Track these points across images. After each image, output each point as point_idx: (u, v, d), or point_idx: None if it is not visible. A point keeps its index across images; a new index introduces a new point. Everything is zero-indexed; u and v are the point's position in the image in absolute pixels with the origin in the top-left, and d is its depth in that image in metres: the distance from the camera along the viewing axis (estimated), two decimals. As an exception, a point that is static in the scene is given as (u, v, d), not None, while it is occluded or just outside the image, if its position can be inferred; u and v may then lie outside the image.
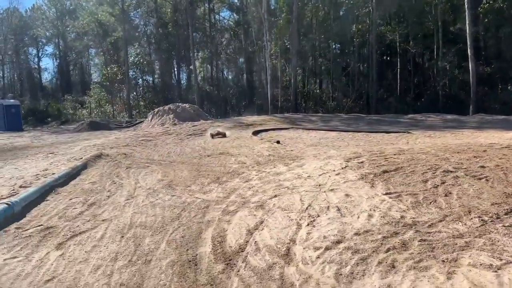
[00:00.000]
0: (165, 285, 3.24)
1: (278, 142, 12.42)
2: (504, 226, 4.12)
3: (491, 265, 3.17)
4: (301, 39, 32.63)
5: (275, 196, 5.88)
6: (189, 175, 8.19)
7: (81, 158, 10.42)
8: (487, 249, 3.51)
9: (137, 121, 29.38)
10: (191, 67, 38.69)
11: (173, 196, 6.36)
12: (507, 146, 9.21)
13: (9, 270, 3.63)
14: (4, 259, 3.87)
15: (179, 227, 4.74)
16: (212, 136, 14.94)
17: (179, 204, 5.83)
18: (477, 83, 22.39)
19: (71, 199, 6.29)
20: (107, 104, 42.18)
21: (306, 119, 21.31)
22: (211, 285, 3.20)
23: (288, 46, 34.25)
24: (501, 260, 3.25)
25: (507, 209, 4.61)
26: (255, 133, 16.31)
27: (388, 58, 34.15)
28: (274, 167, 8.36)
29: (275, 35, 32.83)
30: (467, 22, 21.69)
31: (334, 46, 35.98)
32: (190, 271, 3.47)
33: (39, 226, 4.94)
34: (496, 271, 3.06)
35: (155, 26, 44.52)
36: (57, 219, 5.24)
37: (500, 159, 7.63)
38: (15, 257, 3.92)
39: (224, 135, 15.08)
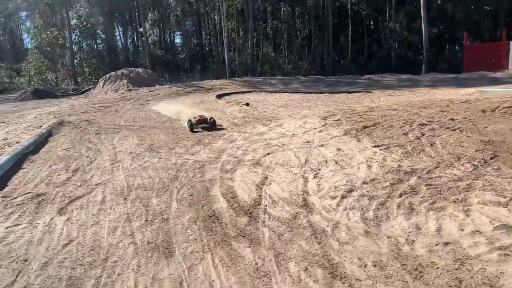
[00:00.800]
0: (196, 239, 3.19)
1: (247, 104, 12.36)
2: (494, 169, 4.45)
3: (499, 202, 3.43)
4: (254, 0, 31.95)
5: (268, 154, 5.89)
6: (167, 138, 7.98)
7: (41, 126, 9.75)
8: (489, 189, 3.79)
9: (85, 88, 27.77)
10: (140, 29, 36.77)
11: (161, 158, 6.18)
12: (466, 101, 9.84)
13: (16, 237, 3.39)
14: (6, 227, 3.60)
15: (182, 186, 4.64)
16: (193, 128, 8.41)
17: (171, 165, 5.68)
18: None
19: (50, 166, 5.92)
20: (48, 71, 39.24)
21: (266, 82, 21.29)
22: (243, 236, 3.20)
23: (240, 7, 33.46)
24: (505, 197, 3.52)
25: (490, 155, 4.96)
26: (219, 96, 16.08)
27: (336, 21, 34.44)
28: (254, 127, 8.34)
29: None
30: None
31: (287, 8, 35.67)
32: (215, 226, 3.44)
33: (27, 193, 4.62)
34: (506, 206, 3.32)
35: (96, -14, 41.33)
36: (44, 186, 4.92)
37: (464, 112, 8.15)
38: (17, 225, 3.66)
39: (212, 124, 8.60)
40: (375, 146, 5.79)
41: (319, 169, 4.86)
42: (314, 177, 4.56)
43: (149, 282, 2.61)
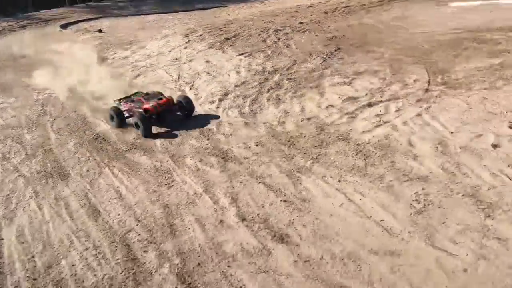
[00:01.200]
0: (88, 159, 3.25)
1: (100, 31, 11.41)
2: (338, 58, 5.28)
3: (344, 82, 4.21)
4: None
5: (138, 75, 5.85)
6: (15, 76, 7.14)
7: None
8: (335, 74, 4.56)
9: None
10: None
11: (18, 97, 5.61)
12: (311, 6, 10.79)
13: None
14: None
15: (54, 119, 4.43)
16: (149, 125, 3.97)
17: (33, 102, 5.25)
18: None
19: None
20: None
21: (115, 6, 19.48)
22: (135, 148, 3.37)
23: None
24: (348, 78, 4.33)
25: (335, 48, 5.80)
26: (64, 26, 14.31)
27: None
28: (115, 53, 7.94)
29: None
30: None
31: None
32: (105, 145, 3.51)
33: None
34: (349, 84, 4.10)
35: None
36: None
37: (311, 15, 9.03)
38: None
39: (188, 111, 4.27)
40: (239, 55, 6.17)
41: (194, 81, 5.09)
42: (190, 89, 4.80)
43: (53, 202, 2.67)
